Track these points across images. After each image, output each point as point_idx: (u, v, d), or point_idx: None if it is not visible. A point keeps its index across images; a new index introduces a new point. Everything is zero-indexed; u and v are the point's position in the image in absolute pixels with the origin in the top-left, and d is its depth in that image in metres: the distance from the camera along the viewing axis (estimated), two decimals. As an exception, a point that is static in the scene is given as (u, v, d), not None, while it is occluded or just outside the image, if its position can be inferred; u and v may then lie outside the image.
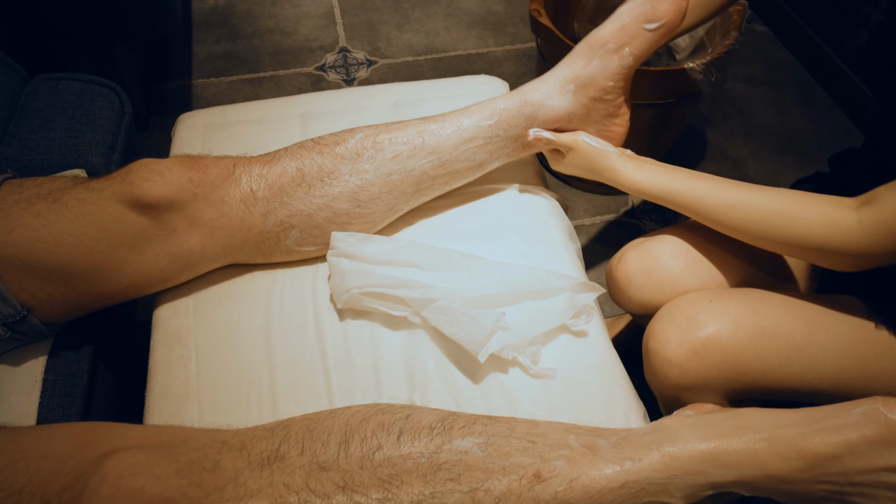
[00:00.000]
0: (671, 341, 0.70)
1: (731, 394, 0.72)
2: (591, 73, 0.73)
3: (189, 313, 0.72)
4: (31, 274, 0.63)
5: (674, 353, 0.70)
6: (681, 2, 0.70)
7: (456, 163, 0.75)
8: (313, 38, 1.81)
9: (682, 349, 0.70)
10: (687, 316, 0.70)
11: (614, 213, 1.47)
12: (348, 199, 0.72)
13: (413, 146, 0.73)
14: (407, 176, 0.73)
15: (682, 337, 0.70)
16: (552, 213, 0.84)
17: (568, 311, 0.69)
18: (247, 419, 0.64)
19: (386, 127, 0.75)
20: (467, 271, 0.71)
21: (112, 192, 0.64)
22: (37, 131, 0.89)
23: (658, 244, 0.79)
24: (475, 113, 0.75)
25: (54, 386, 0.70)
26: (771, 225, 0.67)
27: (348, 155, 0.72)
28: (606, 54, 0.72)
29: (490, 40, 1.83)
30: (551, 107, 0.75)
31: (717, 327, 0.69)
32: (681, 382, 0.70)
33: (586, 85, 0.73)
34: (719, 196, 0.70)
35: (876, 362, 0.69)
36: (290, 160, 0.71)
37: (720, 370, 0.69)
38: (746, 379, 0.70)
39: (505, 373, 0.68)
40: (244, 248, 0.71)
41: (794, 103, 1.72)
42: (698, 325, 0.70)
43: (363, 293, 0.68)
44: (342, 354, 0.69)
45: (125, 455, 0.50)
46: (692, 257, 0.78)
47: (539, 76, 0.76)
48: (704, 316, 0.70)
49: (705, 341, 0.69)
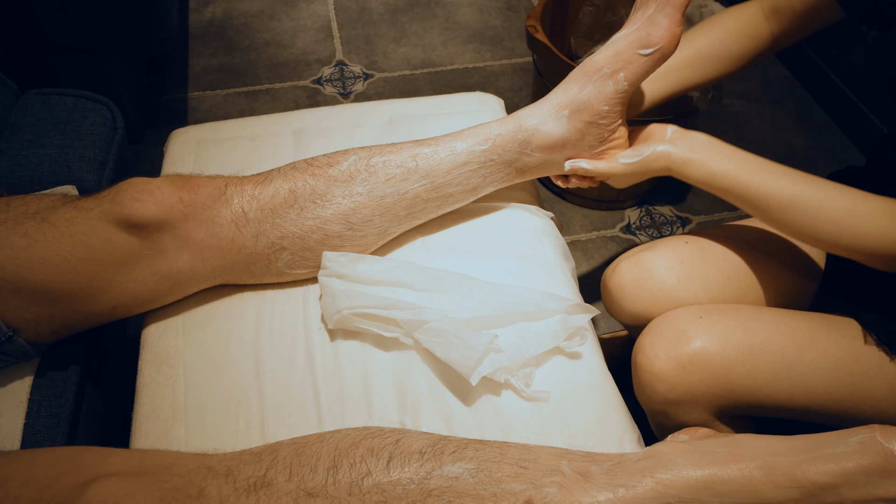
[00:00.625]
0: (659, 356, 0.70)
1: (719, 410, 0.72)
2: (585, 98, 0.72)
3: (178, 333, 0.71)
4: (18, 294, 0.62)
5: (661, 368, 0.69)
6: (675, 28, 0.69)
7: (449, 186, 0.75)
8: (310, 52, 1.81)
9: (670, 364, 0.69)
10: (676, 331, 0.70)
11: (611, 229, 1.46)
12: (341, 222, 0.71)
13: (406, 169, 0.73)
14: (400, 199, 0.73)
15: (670, 352, 0.69)
16: (546, 231, 0.83)
17: (562, 333, 0.69)
18: (235, 442, 0.63)
19: (380, 149, 0.75)
20: (460, 292, 0.70)
21: (101, 212, 0.63)
22: (27, 147, 0.88)
23: (652, 255, 0.79)
24: (469, 137, 0.75)
25: (40, 406, 0.69)
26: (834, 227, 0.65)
27: (341, 177, 0.72)
28: (601, 79, 0.71)
29: (487, 55, 1.84)
30: (546, 132, 0.74)
31: (705, 343, 0.69)
32: (668, 397, 0.70)
33: (581, 110, 0.73)
34: (778, 189, 0.68)
35: (865, 382, 0.68)
36: (282, 181, 0.71)
37: (708, 386, 0.68)
38: (734, 395, 0.69)
39: (497, 395, 0.67)
40: (234, 269, 0.71)
41: (791, 120, 1.72)
42: (686, 340, 0.69)
43: (354, 314, 0.68)
44: (332, 376, 0.68)
45: (107, 483, 0.49)
46: (686, 269, 0.77)
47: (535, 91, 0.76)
48: (693, 332, 0.69)
49: (693, 357, 0.68)
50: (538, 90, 1.42)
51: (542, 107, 0.75)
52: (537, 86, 1.41)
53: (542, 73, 1.35)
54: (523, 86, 1.76)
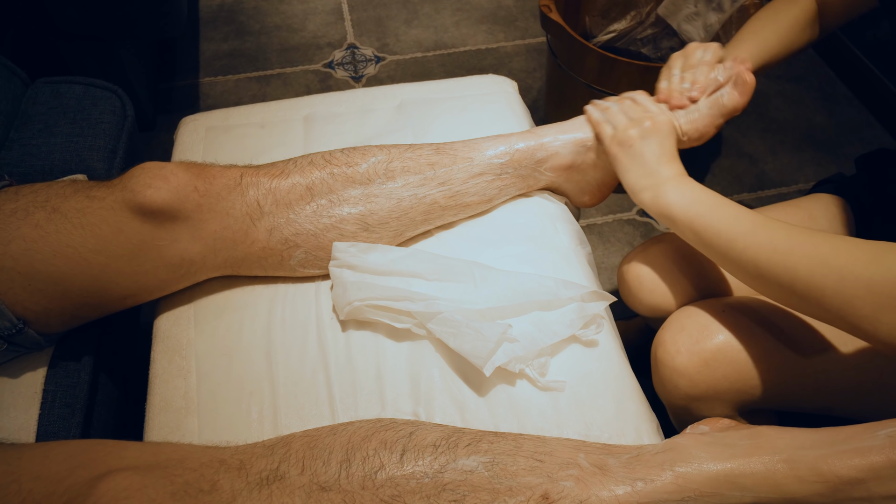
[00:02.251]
0: (681, 351, 0.68)
1: (742, 405, 0.70)
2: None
3: (190, 324, 0.71)
4: (29, 286, 0.61)
5: (683, 364, 0.67)
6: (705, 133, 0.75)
7: (466, 196, 0.75)
8: (321, 35, 1.79)
9: (692, 360, 0.67)
10: (698, 326, 0.68)
11: (627, 212, 1.44)
12: (356, 222, 0.70)
13: (424, 177, 0.73)
14: (417, 203, 0.72)
15: (692, 347, 0.67)
16: (560, 217, 0.81)
17: (577, 322, 0.67)
18: (247, 433, 0.63)
19: (399, 153, 0.74)
20: (472, 281, 0.69)
21: (113, 201, 0.62)
22: (38, 136, 0.88)
23: (669, 247, 0.77)
24: (489, 148, 0.76)
25: (54, 397, 0.69)
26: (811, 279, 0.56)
27: (360, 178, 0.71)
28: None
29: (500, 35, 1.81)
30: (562, 156, 0.77)
31: (727, 337, 0.67)
32: (690, 393, 0.68)
33: (599, 152, 0.76)
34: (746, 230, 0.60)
35: (894, 376, 0.66)
36: (299, 177, 0.69)
37: (731, 382, 0.67)
38: (758, 391, 0.67)
39: (512, 385, 0.66)
40: (245, 262, 0.70)
41: (813, 97, 1.68)
42: (709, 335, 0.67)
43: (366, 305, 0.67)
44: (345, 366, 0.67)
45: (119, 477, 0.48)
46: (705, 262, 0.75)
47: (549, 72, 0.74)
48: (716, 326, 0.67)
49: (716, 352, 0.66)
50: (552, 71, 1.39)
51: (568, 135, 0.77)
52: (551, 66, 1.38)
53: (557, 53, 1.32)
54: (537, 67, 1.73)
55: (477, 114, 0.92)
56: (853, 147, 1.56)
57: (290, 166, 0.70)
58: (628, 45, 1.49)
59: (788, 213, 0.79)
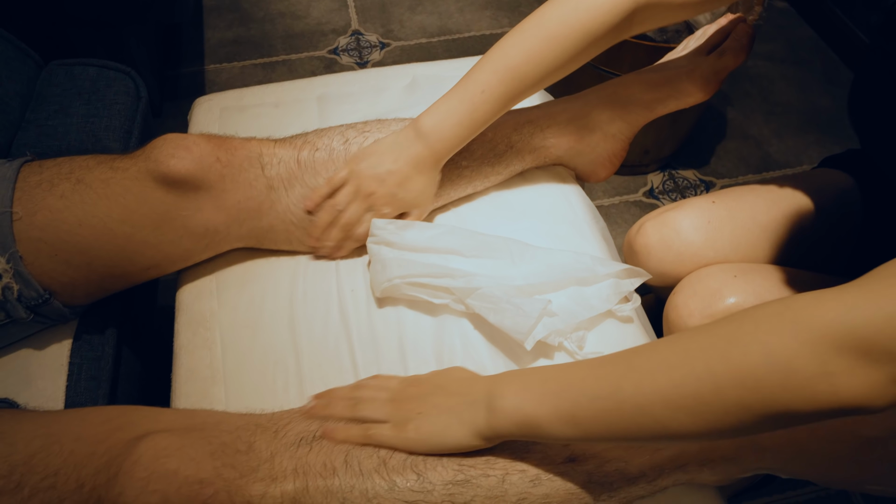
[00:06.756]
0: (693, 314, 0.69)
1: None
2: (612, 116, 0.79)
3: (212, 297, 0.72)
4: (55, 256, 0.62)
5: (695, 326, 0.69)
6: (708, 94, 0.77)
7: (483, 160, 0.76)
8: (325, 22, 1.79)
9: (705, 322, 0.68)
10: (710, 290, 0.69)
11: (633, 194, 1.45)
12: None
13: None
14: None
15: (704, 310, 0.69)
16: (574, 193, 0.82)
17: (613, 297, 0.68)
18: (273, 400, 0.64)
19: None
20: (510, 258, 0.70)
21: (137, 171, 0.63)
22: (53, 117, 0.88)
23: (678, 215, 0.78)
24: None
25: (80, 370, 0.69)
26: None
27: None
28: (634, 106, 0.78)
29: (504, 20, 1.81)
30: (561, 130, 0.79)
31: (739, 301, 0.68)
32: None
33: (606, 122, 0.79)
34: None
35: None
36: (319, 148, 0.70)
37: None
38: None
39: (549, 358, 0.67)
40: (270, 233, 0.70)
41: (817, 81, 1.69)
42: (721, 297, 0.69)
43: (406, 282, 0.67)
44: (367, 337, 0.68)
45: (158, 438, 0.49)
46: (714, 229, 0.76)
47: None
48: (728, 289, 0.69)
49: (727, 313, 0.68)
50: (559, 54, 1.39)
51: (575, 103, 0.80)
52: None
53: (563, 35, 1.33)
54: (542, 52, 1.73)
55: (489, 92, 0.92)
56: (856, 129, 1.57)
57: (311, 137, 0.71)
58: (633, 28, 1.50)
59: (796, 187, 0.80)
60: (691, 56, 0.78)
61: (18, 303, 0.62)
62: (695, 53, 0.78)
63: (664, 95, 0.77)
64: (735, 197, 0.78)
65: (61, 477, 0.49)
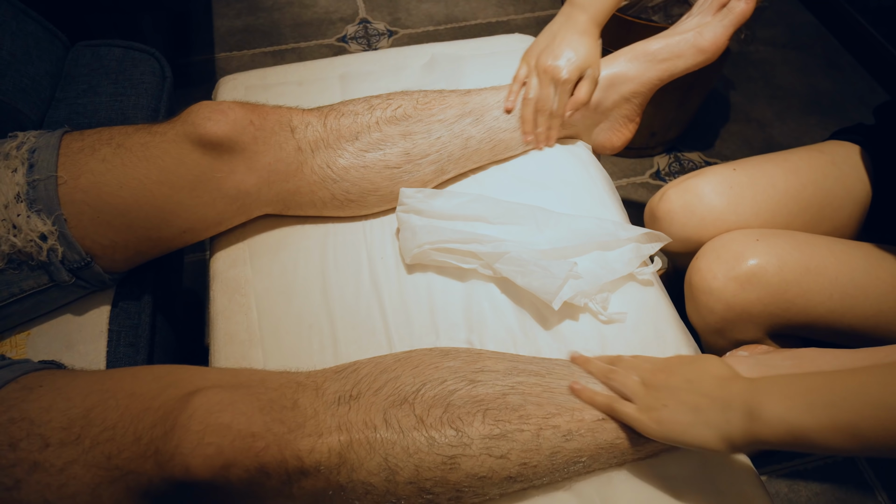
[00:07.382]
0: (717, 276, 0.72)
1: (772, 328, 0.74)
2: (630, 74, 0.81)
3: (246, 265, 0.74)
4: (97, 218, 0.64)
5: (719, 287, 0.71)
6: (723, 40, 0.79)
7: (499, 131, 0.80)
8: (333, 10, 1.81)
9: (729, 284, 0.71)
10: (733, 253, 0.72)
11: (640, 176, 1.48)
12: (401, 155, 0.74)
13: (460, 112, 0.78)
14: (454, 138, 0.77)
15: (728, 273, 0.71)
16: (591, 162, 0.85)
17: (635, 261, 0.71)
18: (310, 360, 0.66)
19: (437, 94, 0.79)
20: (535, 224, 0.72)
21: (175, 134, 0.65)
22: (83, 96, 0.90)
23: (701, 181, 0.80)
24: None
25: (119, 336, 0.72)
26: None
27: (400, 116, 0.75)
28: (650, 63, 0.81)
29: (510, 8, 1.83)
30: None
31: (762, 262, 0.71)
32: (725, 316, 0.72)
33: (620, 83, 0.81)
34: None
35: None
36: (345, 115, 0.73)
37: (765, 304, 0.71)
38: (789, 315, 0.71)
39: (574, 320, 0.69)
40: (297, 197, 0.73)
41: (818, 65, 1.72)
42: (744, 259, 0.71)
43: (435, 248, 0.70)
44: (398, 301, 0.71)
45: (210, 393, 0.51)
46: (735, 195, 0.79)
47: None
48: (751, 252, 0.71)
49: (751, 275, 0.70)
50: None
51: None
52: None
53: (572, 20, 1.35)
54: (547, 38, 1.75)
55: (505, 70, 0.95)
56: (858, 112, 1.60)
57: (338, 106, 0.74)
58: (639, 13, 1.52)
59: (812, 157, 0.82)
60: (701, 16, 0.81)
61: (62, 265, 0.65)
62: (705, 13, 0.81)
63: (676, 54, 0.80)
64: (755, 165, 0.81)
65: (119, 430, 0.50)
